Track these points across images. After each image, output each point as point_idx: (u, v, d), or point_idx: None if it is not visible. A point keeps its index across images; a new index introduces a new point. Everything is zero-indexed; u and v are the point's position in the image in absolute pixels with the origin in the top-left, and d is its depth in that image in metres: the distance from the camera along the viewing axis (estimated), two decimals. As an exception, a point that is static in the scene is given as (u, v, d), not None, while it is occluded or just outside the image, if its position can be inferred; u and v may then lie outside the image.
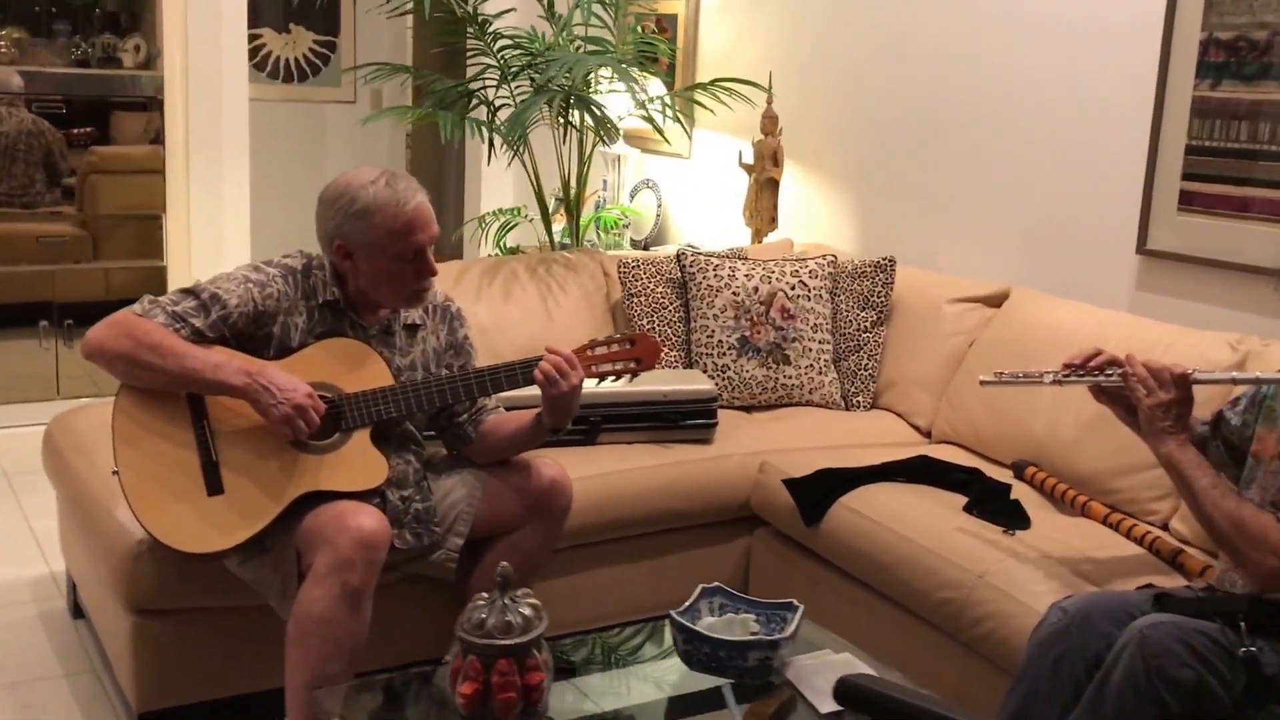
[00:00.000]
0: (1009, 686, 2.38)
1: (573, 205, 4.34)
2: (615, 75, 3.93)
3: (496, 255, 4.75)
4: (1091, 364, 2.52)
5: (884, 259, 3.82)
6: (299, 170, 6.82)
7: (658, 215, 5.26)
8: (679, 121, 4.41)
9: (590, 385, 2.68)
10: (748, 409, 3.70)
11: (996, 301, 3.67)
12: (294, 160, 6.98)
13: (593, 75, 4.32)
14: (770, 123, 4.44)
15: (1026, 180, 3.77)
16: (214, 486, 2.50)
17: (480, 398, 2.77)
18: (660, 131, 4.37)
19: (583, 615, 3.20)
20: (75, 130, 8.92)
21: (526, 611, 1.99)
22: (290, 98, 7.24)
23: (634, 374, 2.68)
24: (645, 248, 5.11)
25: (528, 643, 1.96)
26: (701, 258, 3.76)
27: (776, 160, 4.45)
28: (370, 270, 2.61)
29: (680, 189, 5.22)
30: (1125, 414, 2.55)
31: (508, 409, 2.86)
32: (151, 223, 5.98)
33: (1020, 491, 3.11)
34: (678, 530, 3.32)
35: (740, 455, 3.36)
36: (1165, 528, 2.96)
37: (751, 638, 2.18)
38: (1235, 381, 2.42)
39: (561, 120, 3.96)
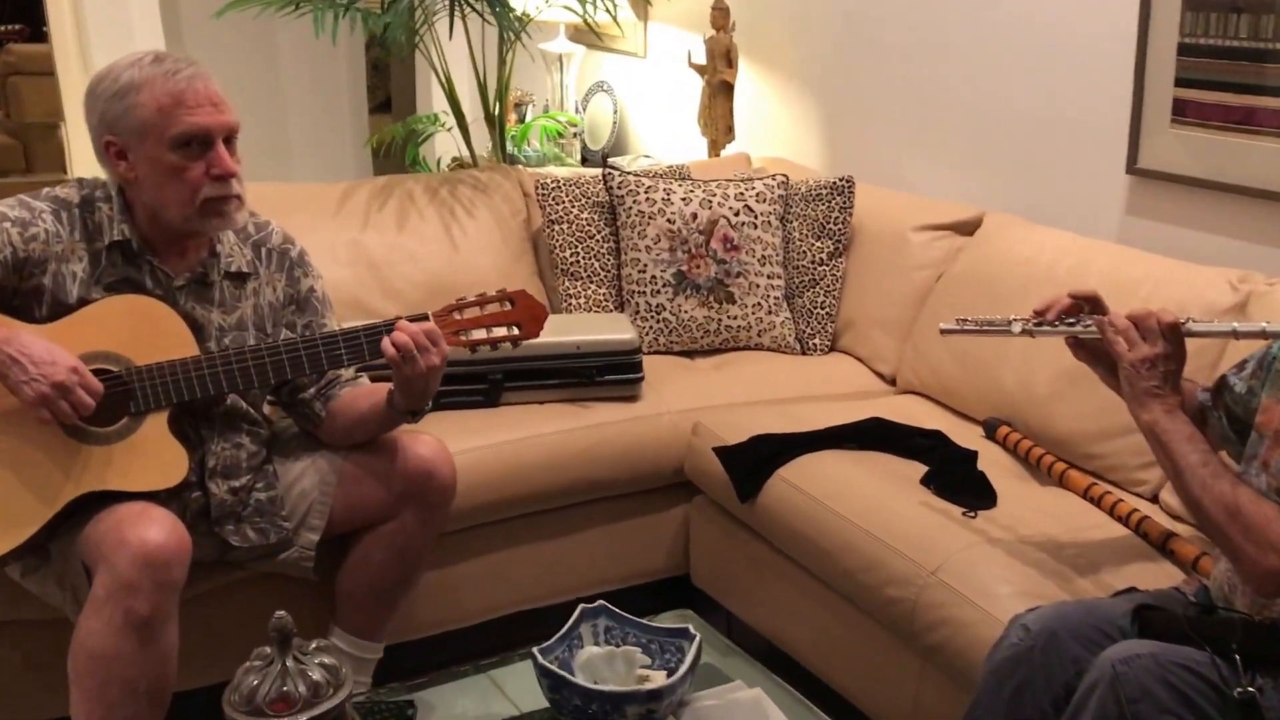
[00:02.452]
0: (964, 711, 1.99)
1: (492, 112, 3.81)
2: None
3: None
4: (1066, 311, 2.10)
5: (841, 179, 3.32)
6: (247, 81, 6.19)
7: (614, 122, 4.75)
8: (609, 13, 3.86)
9: (462, 355, 2.23)
10: (688, 354, 3.24)
11: (968, 229, 3.19)
12: (241, 71, 6.37)
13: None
14: (721, 16, 3.91)
15: (1004, 89, 3.26)
16: None
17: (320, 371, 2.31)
18: (588, 21, 3.84)
19: (498, 601, 2.81)
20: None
21: (317, 675, 1.55)
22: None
23: (515, 342, 2.22)
24: (603, 159, 4.60)
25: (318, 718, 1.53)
26: (631, 178, 3.26)
27: (730, 60, 3.94)
28: (150, 171, 2.11)
29: (637, 92, 4.70)
30: (1108, 374, 2.14)
31: (372, 377, 2.41)
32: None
33: (991, 455, 2.70)
34: (605, 500, 2.89)
35: (672, 414, 2.91)
36: (1154, 500, 2.55)
37: (628, 689, 1.75)
38: (1238, 335, 1.96)
39: (451, 11, 3.41)
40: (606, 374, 2.87)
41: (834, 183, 3.31)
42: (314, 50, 5.73)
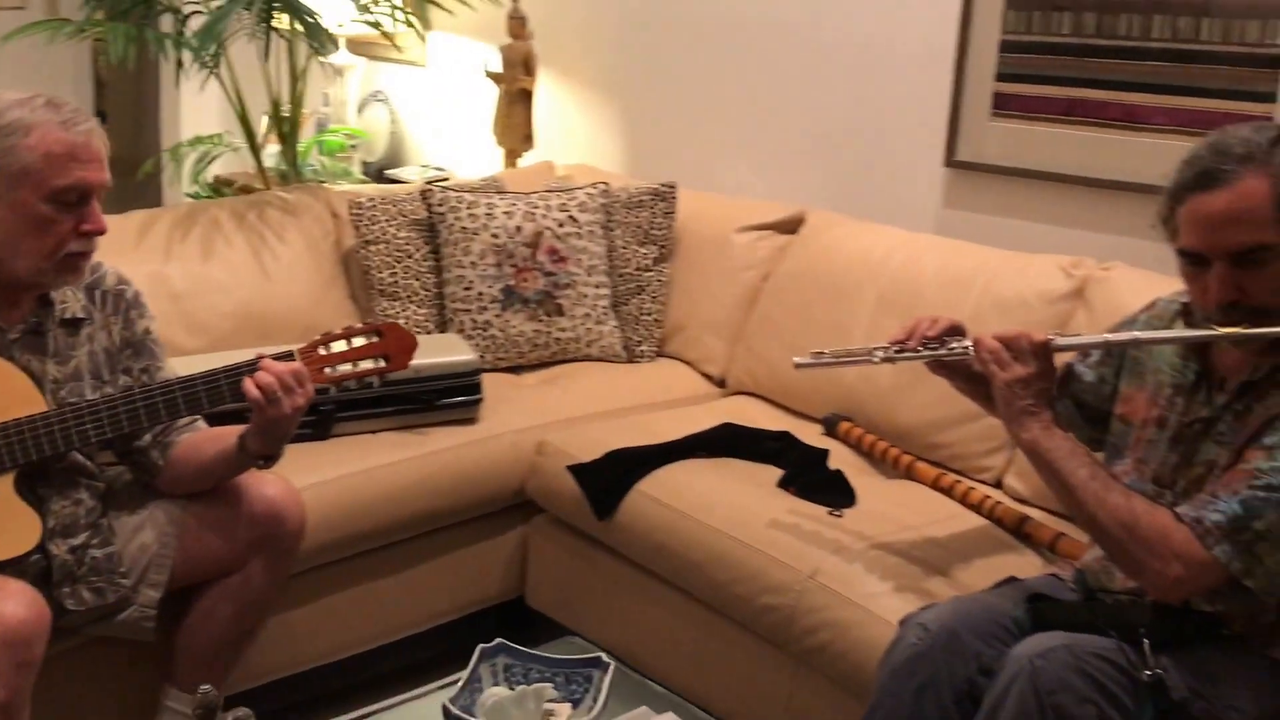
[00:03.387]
0: (856, 712, 1.98)
1: (287, 130, 3.61)
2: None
3: (196, 197, 4.01)
4: (929, 335, 2.08)
5: (663, 185, 3.29)
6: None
7: (390, 134, 4.59)
8: (411, 25, 3.72)
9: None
10: (515, 370, 3.14)
11: (791, 227, 3.21)
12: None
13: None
14: (519, 24, 3.83)
15: (818, 84, 3.30)
16: None
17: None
18: (389, 37, 3.69)
19: (329, 645, 2.63)
20: None
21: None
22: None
23: (382, 375, 2.09)
24: (379, 173, 4.44)
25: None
26: (453, 194, 3.13)
27: (529, 68, 3.85)
28: (10, 217, 1.93)
29: (416, 102, 4.56)
30: (966, 384, 2.15)
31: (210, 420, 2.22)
32: None
33: (836, 452, 2.71)
34: (441, 529, 2.74)
35: (512, 433, 2.80)
36: (999, 485, 2.60)
37: (550, 731, 1.66)
38: (1110, 345, 2.01)
39: (265, 28, 3.21)
40: (445, 398, 2.74)
41: (656, 189, 3.27)
42: (33, 60, 5.30)
